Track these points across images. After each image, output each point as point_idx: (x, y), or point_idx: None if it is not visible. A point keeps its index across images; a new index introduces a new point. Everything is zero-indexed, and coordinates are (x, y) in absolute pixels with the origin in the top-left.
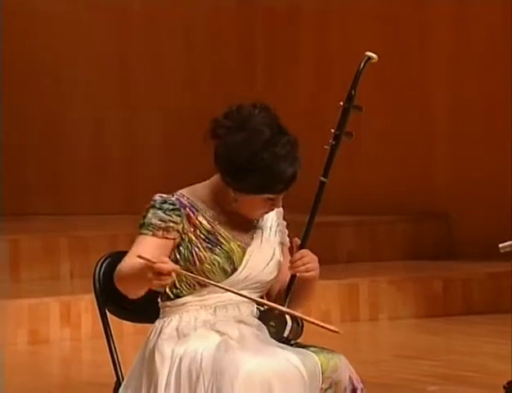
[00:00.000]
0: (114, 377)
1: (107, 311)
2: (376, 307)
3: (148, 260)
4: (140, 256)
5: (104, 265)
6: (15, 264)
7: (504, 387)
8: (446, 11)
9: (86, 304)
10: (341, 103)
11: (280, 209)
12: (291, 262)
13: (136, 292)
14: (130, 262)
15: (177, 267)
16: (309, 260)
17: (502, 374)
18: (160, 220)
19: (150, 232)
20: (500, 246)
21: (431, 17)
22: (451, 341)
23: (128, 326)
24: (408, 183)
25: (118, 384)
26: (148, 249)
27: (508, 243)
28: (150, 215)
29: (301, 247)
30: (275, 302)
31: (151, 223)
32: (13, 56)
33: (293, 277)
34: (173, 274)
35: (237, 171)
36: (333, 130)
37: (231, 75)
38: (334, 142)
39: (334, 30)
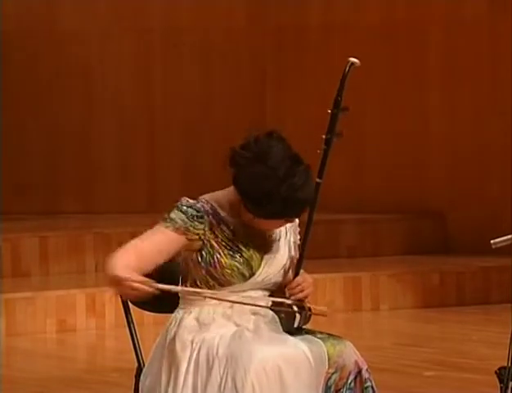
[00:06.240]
0: (136, 362)
1: (129, 302)
2: (377, 298)
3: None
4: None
5: None
6: (45, 258)
7: (495, 372)
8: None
9: (110, 296)
10: (329, 111)
11: None
12: (289, 289)
13: None
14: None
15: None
16: (307, 286)
17: (492, 360)
18: (182, 221)
19: (171, 227)
20: (492, 242)
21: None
22: (445, 329)
23: (148, 316)
24: (406, 185)
25: (139, 369)
26: (162, 240)
27: (499, 239)
28: (174, 214)
29: (302, 246)
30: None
31: (173, 220)
32: (47, 69)
33: None
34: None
35: (257, 200)
36: (324, 136)
37: (243, 87)
38: (325, 147)
39: (337, 44)
